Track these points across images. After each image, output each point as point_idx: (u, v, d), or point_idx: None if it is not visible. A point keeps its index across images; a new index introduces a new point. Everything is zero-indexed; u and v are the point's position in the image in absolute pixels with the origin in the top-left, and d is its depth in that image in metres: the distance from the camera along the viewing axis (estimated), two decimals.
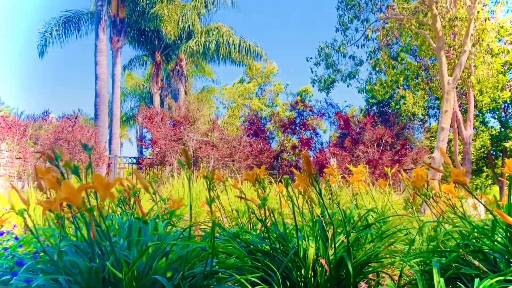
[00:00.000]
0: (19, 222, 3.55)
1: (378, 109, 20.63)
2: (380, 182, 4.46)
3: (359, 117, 17.78)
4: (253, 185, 2.56)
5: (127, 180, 2.90)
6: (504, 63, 14.90)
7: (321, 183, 4.15)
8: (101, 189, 1.50)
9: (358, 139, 14.99)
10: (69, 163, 1.69)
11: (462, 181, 2.18)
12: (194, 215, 4.81)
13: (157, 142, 13.16)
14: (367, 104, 21.51)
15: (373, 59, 14.02)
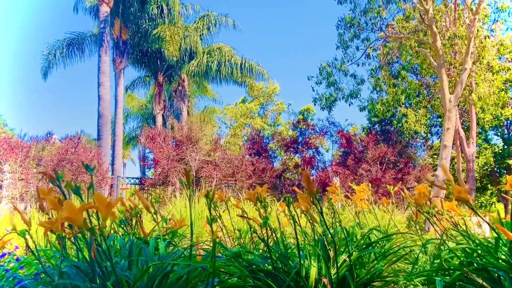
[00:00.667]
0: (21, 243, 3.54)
1: (380, 127, 20.65)
2: (383, 200, 4.45)
3: (361, 135, 17.80)
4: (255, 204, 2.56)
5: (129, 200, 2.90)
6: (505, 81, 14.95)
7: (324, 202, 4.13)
8: (103, 209, 1.50)
9: (360, 158, 14.98)
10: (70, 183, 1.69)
11: (464, 198, 2.18)
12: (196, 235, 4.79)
13: (159, 162, 13.17)
14: (369, 123, 21.55)
15: (374, 78, 14.09)
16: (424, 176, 14.50)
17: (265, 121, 33.54)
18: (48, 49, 20.95)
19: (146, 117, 31.44)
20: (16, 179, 10.59)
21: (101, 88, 18.57)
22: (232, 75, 22.35)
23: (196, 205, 6.41)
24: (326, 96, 13.68)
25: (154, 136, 13.77)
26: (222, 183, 13.07)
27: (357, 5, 13.07)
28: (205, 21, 22.66)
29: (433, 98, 16.94)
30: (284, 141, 17.05)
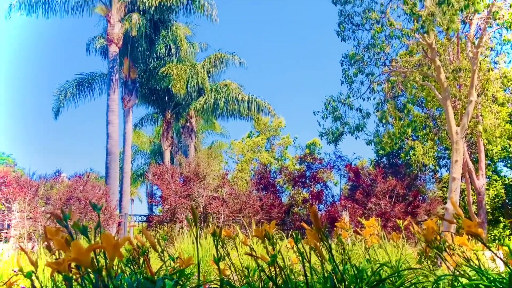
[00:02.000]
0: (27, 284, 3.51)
1: (388, 161, 20.58)
2: (393, 235, 4.38)
3: (369, 169, 17.72)
4: (263, 241, 2.53)
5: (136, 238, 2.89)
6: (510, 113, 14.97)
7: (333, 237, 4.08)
8: (110, 249, 1.50)
9: (369, 191, 14.86)
10: (77, 223, 1.70)
11: (475, 232, 2.15)
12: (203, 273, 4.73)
13: (167, 199, 13.15)
14: (376, 156, 21.50)
15: (379, 111, 14.16)
16: (434, 210, 14.31)
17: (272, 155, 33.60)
18: (59, 90, 21.45)
19: (154, 154, 31.64)
20: (24, 218, 10.59)
21: (109, 126, 18.80)
22: (239, 111, 22.59)
23: (204, 242, 6.35)
24: (332, 130, 13.72)
25: (162, 173, 13.80)
26: (229, 219, 12.98)
27: (361, 42, 13.30)
28: (212, 59, 23.12)
29: (440, 131, 16.93)
30: (291, 176, 17.00)
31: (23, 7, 18.98)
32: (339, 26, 13.55)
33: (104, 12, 19.56)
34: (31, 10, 19.11)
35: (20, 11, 19.00)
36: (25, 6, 18.99)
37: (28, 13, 19.15)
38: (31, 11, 19.13)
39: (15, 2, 18.86)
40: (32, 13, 19.20)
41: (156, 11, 19.79)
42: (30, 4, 18.97)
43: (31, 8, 19.06)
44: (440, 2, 9.59)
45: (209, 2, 20.13)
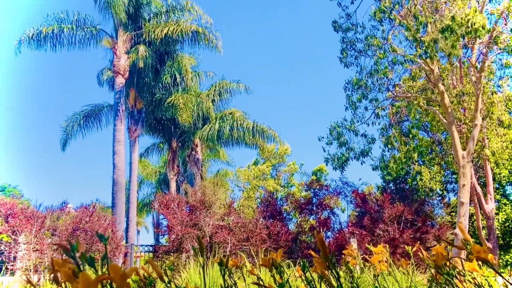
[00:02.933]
0: None
1: (395, 186, 20.44)
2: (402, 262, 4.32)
3: (376, 194, 17.59)
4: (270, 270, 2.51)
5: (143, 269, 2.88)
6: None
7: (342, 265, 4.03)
8: (118, 280, 1.50)
9: (377, 218, 14.72)
10: (85, 255, 1.70)
11: (484, 258, 2.12)
12: None
13: (173, 228, 13.07)
14: (383, 181, 21.37)
15: (384, 137, 14.17)
16: (443, 235, 14.11)
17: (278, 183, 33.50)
18: (66, 122, 21.71)
19: (160, 183, 31.66)
20: (30, 250, 10.54)
21: (116, 156, 18.90)
22: (244, 139, 22.68)
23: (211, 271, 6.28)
24: (337, 156, 13.71)
25: (168, 202, 13.77)
26: (236, 248, 12.85)
27: (364, 68, 13.42)
28: (217, 88, 23.38)
29: (446, 155, 16.87)
30: (298, 203, 16.89)
31: (32, 42, 19.42)
32: (342, 53, 13.71)
33: (110, 45, 19.95)
34: (39, 44, 19.54)
35: (29, 46, 19.44)
36: (33, 41, 19.42)
37: (37, 48, 19.57)
38: (39, 45, 19.56)
39: (24, 38, 19.31)
40: (41, 48, 19.62)
41: (161, 42, 20.17)
42: (38, 39, 19.40)
43: (39, 42, 19.49)
44: (442, 29, 9.71)
45: (214, 34, 20.51)
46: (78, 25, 19.78)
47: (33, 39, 19.36)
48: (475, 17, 9.24)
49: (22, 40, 19.41)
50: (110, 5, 19.00)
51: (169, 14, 20.79)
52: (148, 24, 20.44)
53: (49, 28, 19.35)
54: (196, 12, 20.28)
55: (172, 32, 19.72)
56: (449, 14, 9.68)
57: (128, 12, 19.89)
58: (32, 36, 19.32)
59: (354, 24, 13.29)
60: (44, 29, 19.30)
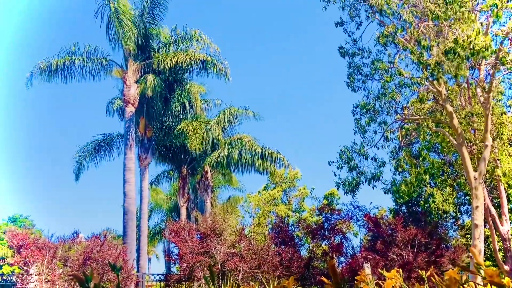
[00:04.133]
0: None
1: (408, 209, 20.20)
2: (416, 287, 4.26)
3: (389, 218, 17.39)
4: None
5: None
6: None
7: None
8: None
9: (390, 241, 14.50)
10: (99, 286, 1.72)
11: (498, 282, 2.10)
12: None
13: (184, 256, 12.99)
14: (395, 204, 21.15)
15: (395, 160, 14.09)
16: (459, 258, 13.84)
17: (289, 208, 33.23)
18: (78, 152, 21.98)
19: (170, 210, 31.62)
20: (42, 282, 10.53)
21: (126, 185, 19.00)
22: (253, 164, 22.69)
23: None
24: (348, 181, 13.64)
25: (179, 230, 13.73)
26: (248, 275, 12.71)
27: (371, 92, 13.47)
28: (226, 114, 23.59)
29: (458, 176, 16.71)
30: (309, 228, 16.72)
31: (44, 74, 19.84)
32: (349, 77, 13.80)
33: (120, 75, 20.33)
34: (50, 76, 19.95)
35: (41, 78, 19.85)
36: (45, 73, 19.85)
37: (48, 80, 19.98)
38: (50, 77, 19.97)
39: (35, 70, 19.74)
40: (52, 80, 20.03)
41: (171, 72, 20.52)
42: (49, 72, 19.83)
43: (51, 74, 19.91)
44: (446, 51, 9.78)
45: (222, 62, 20.82)
46: (89, 57, 20.25)
47: (44, 71, 19.78)
48: (478, 38, 9.31)
49: (34, 73, 19.85)
50: (119, 36, 19.44)
51: (177, 43, 21.20)
52: (157, 54, 20.83)
53: (60, 60, 19.80)
54: (204, 41, 20.66)
55: (181, 61, 20.06)
56: (452, 37, 9.76)
57: (137, 43, 20.31)
58: (44, 69, 19.76)
59: (360, 49, 13.42)
60: (55, 61, 19.75)
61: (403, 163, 13.92)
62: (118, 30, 19.35)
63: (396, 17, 11.55)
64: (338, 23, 13.53)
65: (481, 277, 2.33)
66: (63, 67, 19.95)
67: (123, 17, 19.43)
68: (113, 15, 19.37)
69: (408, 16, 10.49)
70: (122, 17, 19.42)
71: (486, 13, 11.23)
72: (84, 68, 20.25)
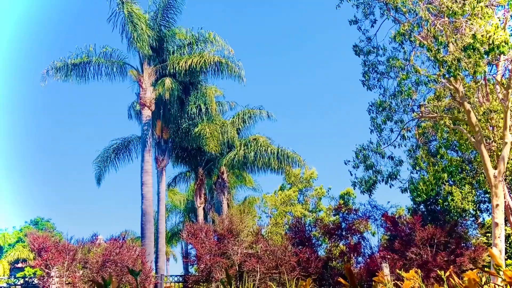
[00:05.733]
0: None
1: (426, 207, 19.97)
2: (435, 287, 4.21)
3: (407, 217, 17.21)
4: None
5: None
6: None
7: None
8: None
9: (408, 241, 14.35)
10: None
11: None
12: None
13: (202, 258, 13.05)
14: (413, 203, 20.92)
15: (412, 158, 13.93)
16: (480, 257, 13.62)
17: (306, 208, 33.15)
18: (98, 157, 22.28)
19: (188, 211, 31.79)
20: (63, 284, 10.70)
21: (144, 187, 19.16)
22: (269, 164, 22.67)
23: None
24: (365, 180, 13.53)
25: (196, 231, 13.79)
26: (266, 276, 12.71)
27: (387, 90, 13.34)
28: (241, 116, 23.63)
29: (477, 174, 16.46)
30: (327, 228, 16.63)
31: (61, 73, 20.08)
32: (364, 75, 13.68)
33: (136, 78, 20.50)
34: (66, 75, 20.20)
35: (56, 76, 20.08)
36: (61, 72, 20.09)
37: (64, 79, 20.24)
38: (66, 76, 20.22)
39: (51, 69, 20.00)
40: (67, 79, 20.27)
41: (186, 74, 20.60)
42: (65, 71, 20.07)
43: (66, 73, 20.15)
44: (464, 47, 9.64)
45: (236, 64, 20.84)
46: (105, 58, 20.44)
47: (61, 69, 20.03)
48: (497, 33, 9.15)
49: (50, 71, 20.09)
50: (134, 39, 19.61)
51: (192, 46, 21.29)
52: (172, 56, 20.95)
53: (76, 59, 20.02)
54: (218, 43, 20.71)
55: (196, 63, 20.15)
56: (470, 33, 9.61)
57: (152, 46, 20.47)
58: (60, 67, 20.00)
59: (375, 47, 13.30)
60: (71, 61, 19.98)
61: (420, 161, 13.76)
62: (133, 33, 19.51)
63: (412, 14, 11.42)
64: (352, 21, 13.43)
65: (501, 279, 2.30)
66: (78, 67, 20.17)
67: (137, 20, 19.59)
68: (127, 19, 19.54)
69: (424, 14, 10.36)
70: (136, 20, 19.57)
71: (503, 7, 11.04)
72: (99, 69, 20.48)
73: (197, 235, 13.62)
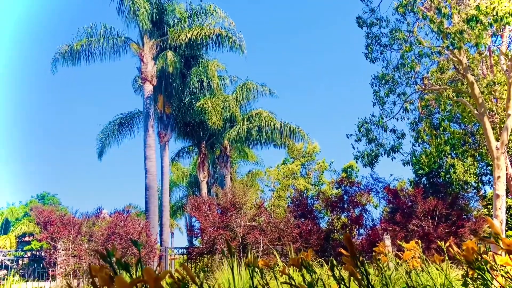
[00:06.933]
0: None
1: (428, 180, 20.06)
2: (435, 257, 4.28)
3: (409, 190, 17.30)
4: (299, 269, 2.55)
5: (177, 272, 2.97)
6: None
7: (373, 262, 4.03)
8: (152, 283, 1.58)
9: (410, 213, 14.48)
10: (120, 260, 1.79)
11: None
12: None
13: (205, 230, 13.23)
14: (416, 176, 21.00)
15: (414, 131, 13.90)
16: (481, 228, 13.76)
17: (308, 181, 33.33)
18: (101, 132, 22.36)
19: (191, 186, 32.05)
20: (69, 256, 10.89)
21: (147, 161, 19.27)
22: (272, 139, 22.70)
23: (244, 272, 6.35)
24: (367, 153, 13.54)
25: (200, 205, 13.94)
26: (268, 248, 12.91)
27: (390, 62, 13.22)
28: (244, 90, 23.52)
29: (479, 146, 16.45)
30: (329, 201, 16.77)
31: (67, 58, 19.98)
32: (367, 48, 13.54)
33: (137, 52, 20.34)
34: (73, 60, 20.09)
35: (64, 62, 20.02)
36: (68, 57, 19.98)
37: (73, 63, 20.13)
38: (74, 61, 20.12)
39: (58, 55, 19.89)
40: (75, 63, 20.17)
41: (186, 47, 20.43)
42: (72, 55, 19.95)
43: (73, 58, 20.04)
44: (467, 19, 9.49)
45: (237, 36, 20.61)
46: (106, 36, 20.25)
47: (67, 54, 19.92)
48: (501, 4, 8.99)
49: (57, 57, 20.01)
50: (134, 13, 19.37)
51: (192, 18, 21.04)
52: (173, 29, 20.73)
53: (79, 42, 19.87)
54: (219, 15, 20.46)
55: (196, 36, 19.95)
56: (474, 4, 9.45)
57: (152, 19, 20.23)
58: (66, 51, 19.89)
59: (378, 19, 13.11)
60: (76, 44, 19.84)
61: (423, 134, 13.74)
62: (132, 7, 19.27)
63: None
64: None
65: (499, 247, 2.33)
66: (83, 49, 20.04)
67: None
68: None
69: None
70: None
71: None
72: (101, 48, 20.32)
73: (200, 208, 13.77)
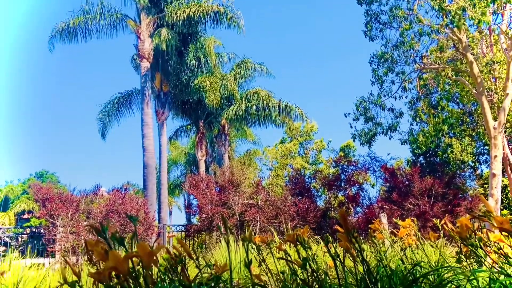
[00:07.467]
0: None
1: (425, 159, 20.12)
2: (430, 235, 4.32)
3: (406, 169, 17.37)
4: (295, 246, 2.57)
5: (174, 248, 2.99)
6: None
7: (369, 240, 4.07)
8: (146, 257, 1.59)
9: (407, 192, 14.58)
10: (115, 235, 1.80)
11: (508, 229, 2.12)
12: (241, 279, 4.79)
13: (203, 208, 13.32)
14: (413, 155, 21.07)
15: (413, 110, 13.89)
16: (476, 207, 13.88)
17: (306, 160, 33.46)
18: (101, 111, 22.30)
19: (189, 164, 32.11)
20: (67, 233, 10.98)
21: (145, 140, 19.26)
22: (270, 118, 22.64)
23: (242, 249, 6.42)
24: (364, 132, 13.56)
25: (198, 183, 14.00)
26: (266, 225, 13.02)
27: (389, 40, 13.12)
28: (242, 68, 23.34)
29: (477, 126, 16.47)
30: (326, 180, 16.85)
31: (64, 36, 19.71)
32: (366, 26, 13.42)
33: (134, 29, 20.11)
34: (70, 38, 19.81)
35: (61, 40, 19.77)
36: (64, 35, 19.71)
37: (70, 41, 19.88)
38: (71, 39, 19.85)
39: (55, 33, 19.62)
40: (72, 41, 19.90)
41: (184, 24, 20.17)
42: (69, 32, 19.68)
43: (70, 35, 19.77)
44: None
45: (235, 13, 20.35)
46: (103, 13, 19.95)
47: (64, 32, 19.65)
48: None
49: (54, 35, 19.74)
50: None
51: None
52: (170, 6, 20.44)
53: (75, 19, 19.58)
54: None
55: (194, 13, 19.69)
56: None
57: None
58: (63, 29, 19.61)
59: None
60: (72, 21, 19.55)
61: (421, 113, 13.74)
62: None
63: None
64: None
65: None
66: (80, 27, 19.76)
67: None
68: None
69: None
70: None
71: None
72: (98, 25, 20.04)
73: (198, 186, 13.83)
